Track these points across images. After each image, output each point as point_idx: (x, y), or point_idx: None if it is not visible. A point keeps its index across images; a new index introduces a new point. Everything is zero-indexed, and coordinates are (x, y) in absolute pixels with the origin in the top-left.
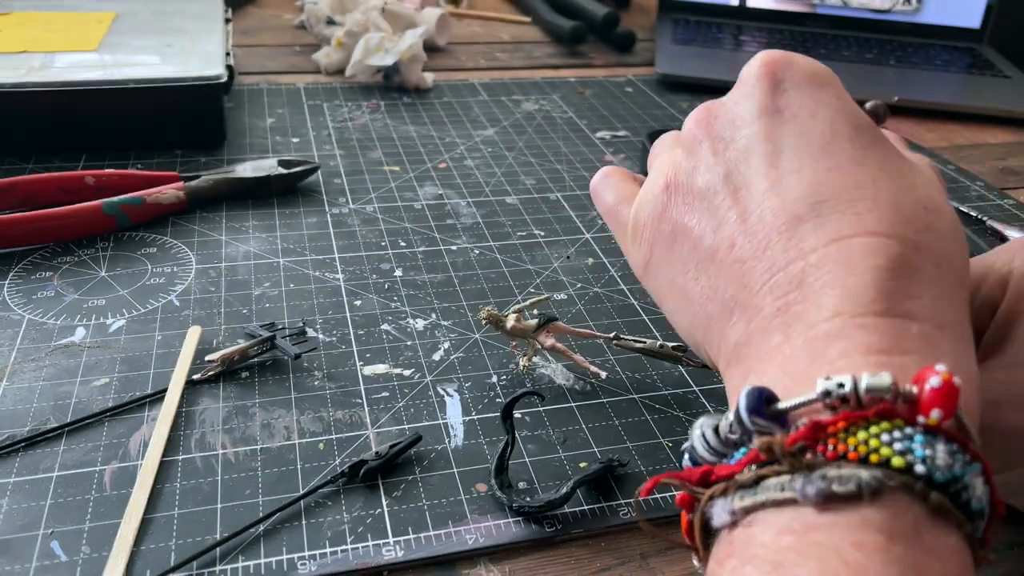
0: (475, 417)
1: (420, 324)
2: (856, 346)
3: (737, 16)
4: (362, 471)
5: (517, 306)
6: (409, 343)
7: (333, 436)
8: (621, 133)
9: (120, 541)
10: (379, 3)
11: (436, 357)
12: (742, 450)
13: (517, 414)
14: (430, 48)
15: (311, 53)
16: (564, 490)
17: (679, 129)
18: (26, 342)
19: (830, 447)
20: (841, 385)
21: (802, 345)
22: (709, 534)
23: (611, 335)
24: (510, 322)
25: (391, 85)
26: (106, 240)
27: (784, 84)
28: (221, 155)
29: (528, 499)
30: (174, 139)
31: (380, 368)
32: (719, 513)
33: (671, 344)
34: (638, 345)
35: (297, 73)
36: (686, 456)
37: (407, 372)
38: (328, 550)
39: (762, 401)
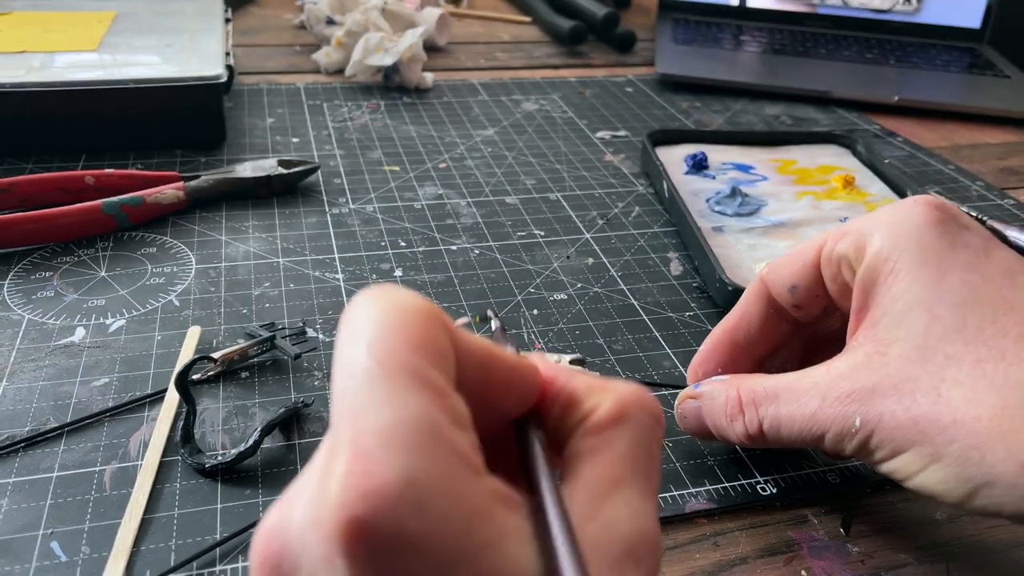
0: None
1: None
2: None
3: (737, 16)
4: None
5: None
6: None
7: None
8: (621, 133)
9: (120, 541)
10: (379, 3)
11: None
12: None
13: None
14: (430, 48)
15: (311, 53)
16: (253, 438)
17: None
18: (26, 342)
19: None
20: None
21: None
22: None
23: None
24: None
25: (391, 85)
26: (106, 240)
27: None
28: (221, 155)
29: (221, 455)
30: (174, 139)
31: None
32: None
33: None
34: None
35: (297, 73)
36: None
37: None
38: None
39: None
